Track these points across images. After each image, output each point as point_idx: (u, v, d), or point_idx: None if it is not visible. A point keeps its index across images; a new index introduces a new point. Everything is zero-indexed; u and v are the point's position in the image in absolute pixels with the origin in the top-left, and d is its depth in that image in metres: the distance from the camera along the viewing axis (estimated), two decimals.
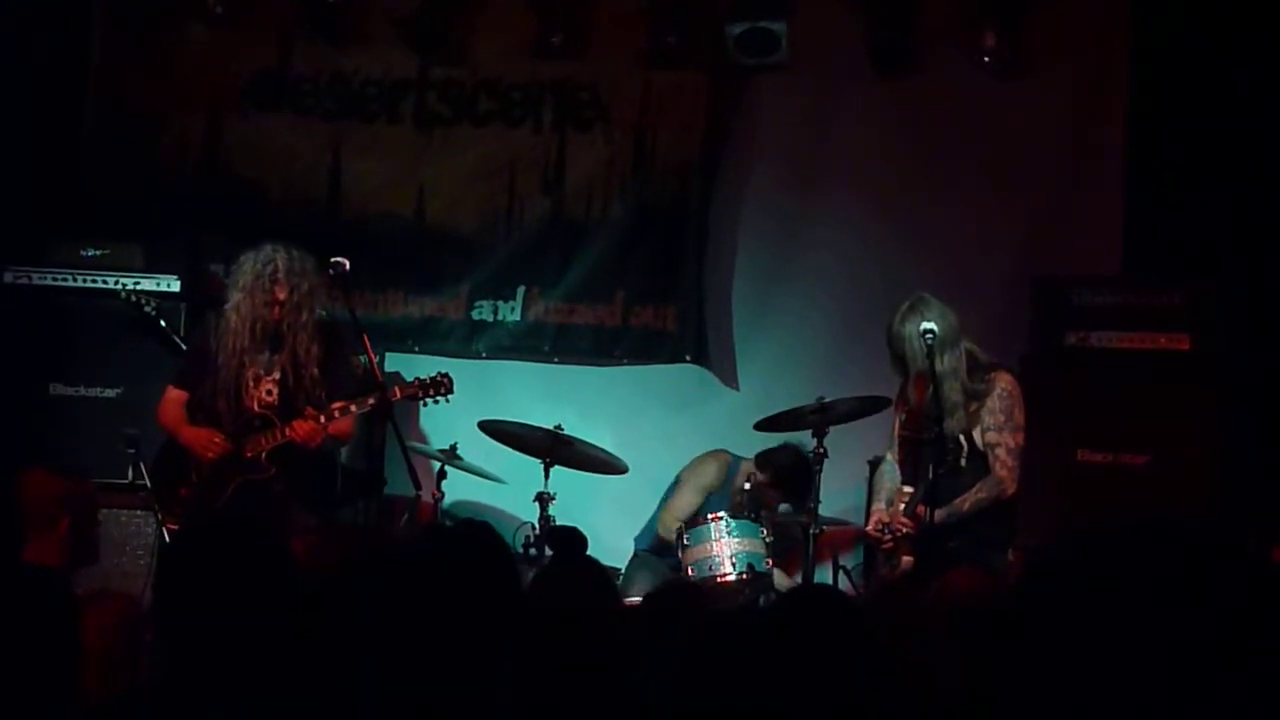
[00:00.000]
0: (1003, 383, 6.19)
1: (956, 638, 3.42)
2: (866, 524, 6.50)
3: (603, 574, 3.79)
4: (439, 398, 6.51)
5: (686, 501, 7.43)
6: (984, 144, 7.83)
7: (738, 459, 7.49)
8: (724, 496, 7.34)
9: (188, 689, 2.85)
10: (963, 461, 6.14)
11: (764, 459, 7.30)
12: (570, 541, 4.51)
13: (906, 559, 6.13)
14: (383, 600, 2.69)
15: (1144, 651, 1.93)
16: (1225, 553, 1.98)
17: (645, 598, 4.64)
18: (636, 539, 7.64)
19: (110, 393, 7.36)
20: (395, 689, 2.64)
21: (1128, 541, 2.02)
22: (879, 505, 6.37)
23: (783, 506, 7.30)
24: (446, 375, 6.54)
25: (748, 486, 7.02)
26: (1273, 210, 7.09)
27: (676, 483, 7.51)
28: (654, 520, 7.50)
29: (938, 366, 6.02)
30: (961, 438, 6.12)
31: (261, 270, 6.28)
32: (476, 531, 2.83)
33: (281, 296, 6.27)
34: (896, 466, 6.38)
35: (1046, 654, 2.01)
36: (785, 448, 7.20)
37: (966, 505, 6.09)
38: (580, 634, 3.32)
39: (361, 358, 6.36)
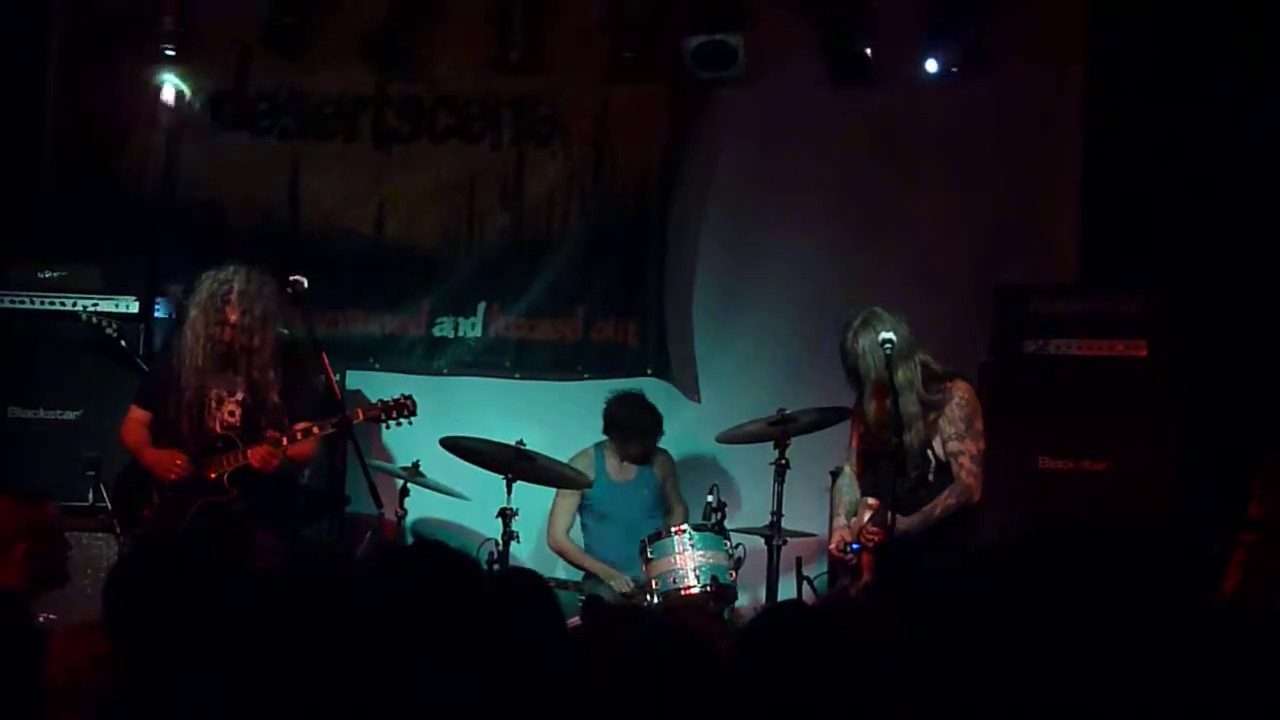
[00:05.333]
0: (959, 391, 6.17)
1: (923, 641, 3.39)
2: (830, 541, 6.48)
3: (547, 593, 3.69)
4: (402, 420, 6.51)
5: (563, 510, 7.66)
6: (941, 153, 7.85)
7: (599, 445, 7.66)
8: (604, 486, 7.54)
9: (146, 706, 2.84)
10: (930, 477, 6.12)
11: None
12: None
13: (867, 576, 6.12)
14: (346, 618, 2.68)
15: (1094, 650, 1.93)
16: (1174, 555, 1.99)
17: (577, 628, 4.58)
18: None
19: (70, 415, 7.34)
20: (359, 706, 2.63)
21: (1078, 542, 2.02)
22: (840, 522, 6.36)
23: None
24: (409, 398, 6.55)
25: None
26: (1228, 217, 7.12)
27: (555, 495, 7.64)
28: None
29: (897, 379, 6.01)
30: (929, 452, 6.10)
31: (216, 290, 6.26)
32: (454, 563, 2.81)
33: (233, 318, 6.24)
34: (854, 479, 6.37)
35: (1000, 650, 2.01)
36: (612, 400, 7.58)
37: (937, 510, 6.08)
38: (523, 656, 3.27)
39: (321, 377, 6.33)
